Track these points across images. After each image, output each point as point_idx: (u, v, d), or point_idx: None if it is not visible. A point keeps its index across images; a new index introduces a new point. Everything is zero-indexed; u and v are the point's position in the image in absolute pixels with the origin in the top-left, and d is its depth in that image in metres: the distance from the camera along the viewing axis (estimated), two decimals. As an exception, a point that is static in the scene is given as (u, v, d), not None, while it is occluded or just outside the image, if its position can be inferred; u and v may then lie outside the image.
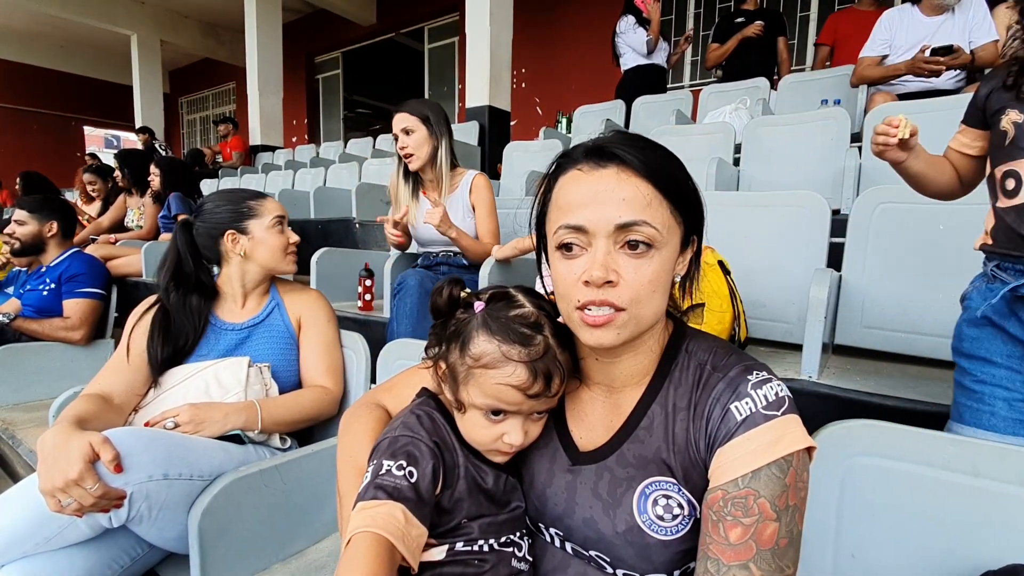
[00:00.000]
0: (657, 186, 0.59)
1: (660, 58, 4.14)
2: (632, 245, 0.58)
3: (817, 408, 1.27)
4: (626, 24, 4.01)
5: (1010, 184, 0.87)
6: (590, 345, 0.61)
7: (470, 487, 0.66)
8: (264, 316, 1.34)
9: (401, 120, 1.89)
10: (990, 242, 0.95)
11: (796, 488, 0.55)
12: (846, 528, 0.79)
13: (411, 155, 1.90)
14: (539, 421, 0.67)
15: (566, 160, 0.64)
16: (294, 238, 1.37)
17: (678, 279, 0.64)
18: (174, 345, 1.24)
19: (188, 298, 1.28)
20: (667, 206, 0.60)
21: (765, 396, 0.58)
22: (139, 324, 1.26)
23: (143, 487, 0.92)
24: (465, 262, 2.01)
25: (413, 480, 0.61)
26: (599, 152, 0.61)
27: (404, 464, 0.61)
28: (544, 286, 0.71)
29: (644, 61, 4.08)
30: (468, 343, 0.63)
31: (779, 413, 0.57)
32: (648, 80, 4.10)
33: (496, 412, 0.64)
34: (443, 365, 0.67)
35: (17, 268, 2.47)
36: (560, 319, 0.66)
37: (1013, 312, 0.90)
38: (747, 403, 0.58)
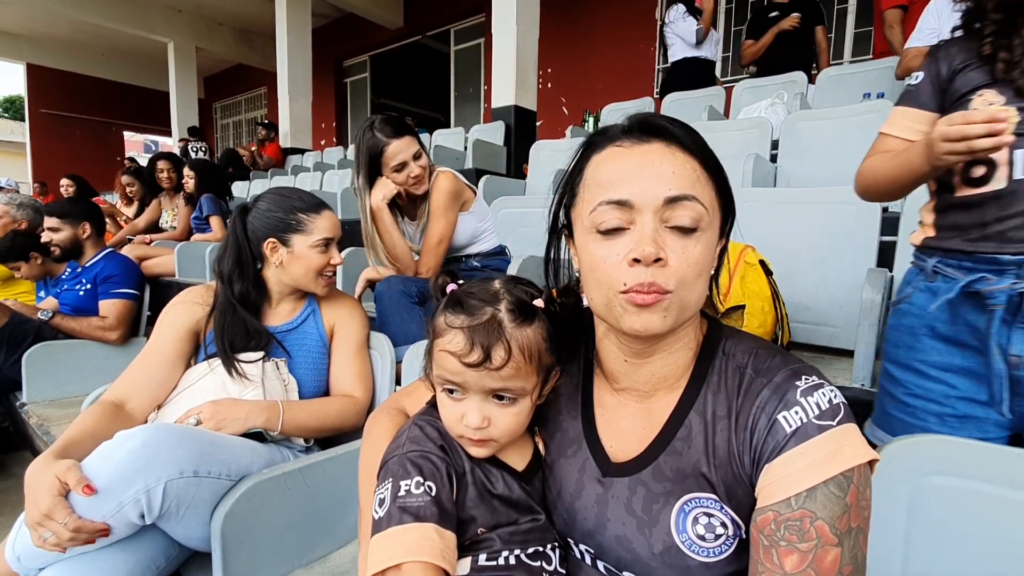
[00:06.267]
0: (704, 164, 0.56)
1: (709, 51, 3.99)
2: (681, 225, 0.53)
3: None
4: (675, 13, 3.89)
5: (978, 172, 0.77)
6: (635, 331, 0.54)
7: (480, 493, 0.64)
8: (298, 323, 1.32)
9: (408, 145, 1.68)
10: (933, 234, 0.86)
11: (859, 508, 0.50)
12: (915, 556, 0.71)
13: (422, 180, 1.72)
14: (507, 408, 0.62)
15: (600, 139, 0.60)
16: (336, 260, 1.29)
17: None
18: (231, 341, 1.20)
19: (248, 290, 1.24)
20: (712, 187, 0.56)
21: (817, 404, 0.52)
22: (181, 315, 1.23)
23: (174, 483, 0.91)
24: (476, 264, 1.92)
25: (433, 493, 0.59)
26: (643, 126, 0.57)
27: (421, 480, 0.59)
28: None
29: (692, 53, 3.94)
30: (434, 320, 0.64)
31: (834, 423, 0.51)
32: (696, 73, 3.95)
33: (451, 390, 0.62)
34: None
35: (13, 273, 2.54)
36: (556, 303, 0.64)
37: (957, 314, 0.81)
38: (797, 412, 0.52)
